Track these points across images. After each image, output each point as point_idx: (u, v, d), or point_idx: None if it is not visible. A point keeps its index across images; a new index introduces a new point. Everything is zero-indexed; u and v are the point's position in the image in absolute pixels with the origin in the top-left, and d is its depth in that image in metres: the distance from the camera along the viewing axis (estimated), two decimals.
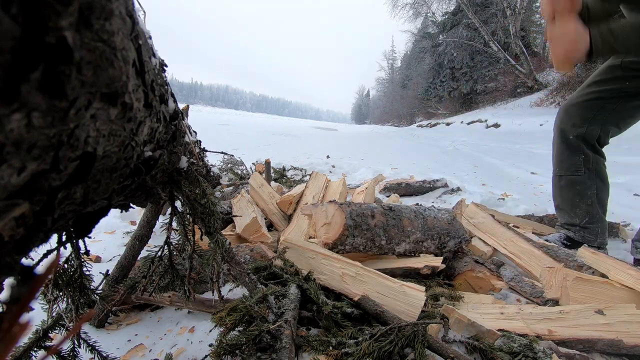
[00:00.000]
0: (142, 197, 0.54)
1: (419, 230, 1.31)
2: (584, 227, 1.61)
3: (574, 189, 1.62)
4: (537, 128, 9.74)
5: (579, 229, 1.62)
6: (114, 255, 1.44)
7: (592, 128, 1.53)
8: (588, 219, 1.60)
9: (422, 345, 0.75)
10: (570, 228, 1.66)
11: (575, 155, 1.59)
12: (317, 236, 1.28)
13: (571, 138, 1.59)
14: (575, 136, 1.57)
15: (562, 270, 1.15)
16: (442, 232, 1.35)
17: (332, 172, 3.81)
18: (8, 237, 0.20)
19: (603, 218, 1.61)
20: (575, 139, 1.58)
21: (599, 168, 1.59)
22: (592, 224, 1.59)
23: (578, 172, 1.60)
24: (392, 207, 1.35)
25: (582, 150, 1.57)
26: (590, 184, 1.58)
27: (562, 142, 1.64)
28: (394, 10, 23.52)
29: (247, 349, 0.73)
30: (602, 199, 1.60)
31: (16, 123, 0.17)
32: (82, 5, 0.18)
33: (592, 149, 1.57)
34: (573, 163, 1.60)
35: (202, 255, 0.82)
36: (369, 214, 1.26)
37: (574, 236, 1.64)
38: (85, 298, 0.65)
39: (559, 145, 1.66)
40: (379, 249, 1.26)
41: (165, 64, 0.49)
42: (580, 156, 1.58)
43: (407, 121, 34.25)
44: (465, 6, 17.61)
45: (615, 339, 0.88)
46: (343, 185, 1.96)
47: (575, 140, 1.58)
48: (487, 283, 1.19)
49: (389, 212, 1.31)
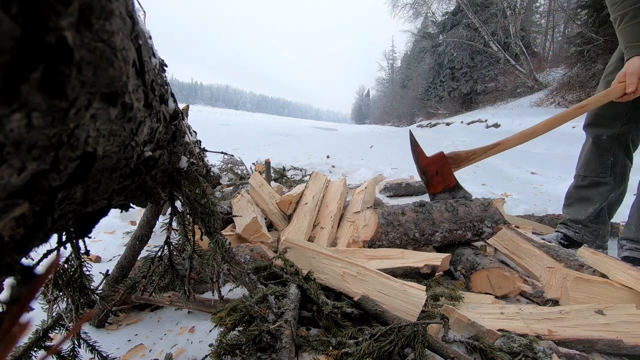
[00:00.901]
0: (142, 197, 0.54)
1: (450, 221, 1.38)
2: (586, 226, 1.59)
3: (596, 190, 1.58)
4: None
5: (581, 227, 1.60)
6: (114, 255, 1.44)
7: (626, 127, 1.47)
8: (594, 217, 1.57)
9: (422, 345, 0.75)
10: (572, 226, 1.64)
11: (604, 156, 1.54)
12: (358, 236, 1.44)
13: (604, 139, 1.53)
14: (608, 136, 1.51)
15: (562, 270, 1.15)
16: (476, 219, 1.39)
17: (332, 172, 3.81)
18: (8, 237, 0.20)
19: (607, 221, 1.59)
20: (608, 139, 1.52)
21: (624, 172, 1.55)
22: (596, 224, 1.57)
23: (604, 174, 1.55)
24: (424, 204, 1.44)
25: (612, 152, 1.52)
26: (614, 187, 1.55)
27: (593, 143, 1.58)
28: (394, 10, 23.53)
29: (247, 349, 0.73)
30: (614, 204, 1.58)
31: (16, 123, 0.17)
32: (82, 5, 0.18)
33: (624, 150, 1.52)
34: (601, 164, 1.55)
35: (202, 255, 0.82)
36: (400, 212, 1.41)
37: (573, 235, 1.62)
38: (85, 298, 0.65)
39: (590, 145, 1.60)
40: (414, 241, 1.38)
41: (165, 64, 0.49)
42: (609, 158, 1.53)
43: (407, 121, 34.24)
44: (465, 6, 17.61)
45: (616, 339, 0.88)
46: (344, 186, 1.96)
47: (608, 141, 1.52)
48: (510, 284, 1.17)
49: (419, 207, 1.42)
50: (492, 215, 1.40)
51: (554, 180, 3.87)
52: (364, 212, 1.49)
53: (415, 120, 30.65)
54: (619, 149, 1.52)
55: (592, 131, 1.58)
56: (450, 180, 1.39)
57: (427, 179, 1.39)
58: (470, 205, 1.42)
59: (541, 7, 20.02)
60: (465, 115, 18.28)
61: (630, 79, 1.22)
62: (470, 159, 1.37)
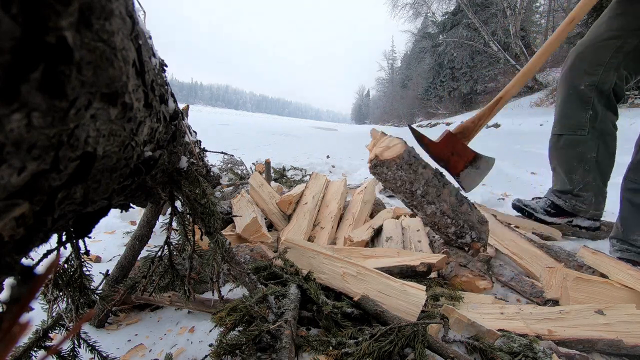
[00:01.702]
0: (142, 197, 0.54)
1: (451, 206, 1.33)
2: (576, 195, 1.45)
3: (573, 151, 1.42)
4: (537, 128, 9.74)
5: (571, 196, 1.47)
6: (114, 255, 1.44)
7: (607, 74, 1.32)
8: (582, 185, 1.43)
9: (422, 345, 0.75)
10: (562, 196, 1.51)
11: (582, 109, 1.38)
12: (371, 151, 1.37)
13: (582, 88, 1.37)
14: (587, 85, 1.35)
15: (562, 270, 1.15)
16: (468, 224, 1.36)
17: (332, 172, 3.81)
18: (8, 237, 0.20)
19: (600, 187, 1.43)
20: (586, 89, 1.36)
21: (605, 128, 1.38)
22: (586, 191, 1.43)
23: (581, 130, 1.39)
24: (443, 175, 1.37)
25: (592, 104, 1.36)
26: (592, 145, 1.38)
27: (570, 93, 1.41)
28: (394, 10, 23.53)
29: (247, 349, 0.73)
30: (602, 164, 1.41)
31: (16, 123, 0.17)
32: (82, 5, 0.18)
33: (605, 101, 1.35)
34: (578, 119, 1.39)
35: (202, 255, 0.82)
36: (423, 163, 1.33)
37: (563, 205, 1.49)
38: (85, 298, 0.65)
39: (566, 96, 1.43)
40: (410, 196, 1.32)
41: (165, 64, 0.49)
42: (587, 111, 1.37)
43: (407, 121, 34.23)
44: (465, 6, 17.61)
45: (616, 339, 0.88)
46: (344, 186, 1.96)
47: (586, 90, 1.36)
48: (473, 285, 1.18)
49: (439, 175, 1.35)
50: (481, 230, 1.38)
51: None
52: (394, 139, 1.37)
53: (415, 120, 30.65)
54: (598, 101, 1.36)
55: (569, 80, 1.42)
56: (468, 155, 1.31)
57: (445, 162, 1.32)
58: (473, 211, 1.40)
59: (541, 7, 20.02)
60: (465, 115, 18.27)
61: None
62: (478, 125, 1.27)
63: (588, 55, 1.35)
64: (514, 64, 16.34)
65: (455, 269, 1.24)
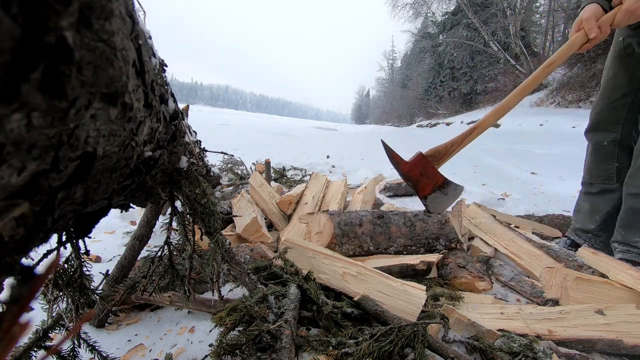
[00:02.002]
0: (142, 197, 0.54)
1: (406, 237, 1.36)
2: (596, 235, 1.55)
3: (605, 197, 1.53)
4: (537, 128, 9.74)
5: (591, 236, 1.57)
6: (114, 255, 1.44)
7: (627, 130, 1.44)
8: (604, 227, 1.53)
9: (422, 345, 0.75)
10: (582, 235, 1.60)
11: (609, 162, 1.50)
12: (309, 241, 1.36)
13: (605, 144, 1.49)
14: (609, 142, 1.48)
15: (562, 270, 1.15)
16: (431, 237, 1.38)
17: (332, 172, 3.81)
18: (8, 237, 0.20)
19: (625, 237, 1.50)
20: (609, 145, 1.48)
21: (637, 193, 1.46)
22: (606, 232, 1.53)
23: (611, 181, 1.50)
24: (382, 215, 1.41)
25: (616, 158, 1.48)
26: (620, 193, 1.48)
27: (595, 149, 1.54)
28: (394, 10, 23.52)
29: (247, 349, 0.73)
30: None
31: (16, 123, 0.17)
32: (82, 5, 0.18)
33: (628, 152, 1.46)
34: (606, 171, 1.51)
35: (202, 255, 0.82)
36: (357, 222, 1.35)
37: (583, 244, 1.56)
38: (85, 298, 0.65)
39: (592, 152, 1.56)
40: (368, 253, 1.33)
41: (165, 64, 0.49)
42: (614, 164, 1.49)
43: (407, 121, 34.24)
44: (465, 6, 17.62)
45: (615, 339, 0.88)
46: (344, 186, 1.96)
47: (609, 146, 1.48)
48: (472, 286, 1.19)
49: (377, 220, 1.38)
50: (447, 233, 1.40)
51: (554, 180, 3.87)
52: (319, 216, 1.40)
53: (416, 120, 30.66)
54: (622, 153, 1.48)
55: (594, 137, 1.55)
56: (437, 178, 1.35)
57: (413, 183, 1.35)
58: (428, 222, 1.41)
59: (541, 7, 20.02)
60: (465, 115, 18.28)
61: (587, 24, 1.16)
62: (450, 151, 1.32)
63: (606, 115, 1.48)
64: (514, 64, 16.34)
65: (454, 270, 1.24)
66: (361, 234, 1.33)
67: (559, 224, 1.93)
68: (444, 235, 1.39)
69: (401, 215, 1.43)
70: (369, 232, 1.34)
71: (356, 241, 1.32)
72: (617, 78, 1.45)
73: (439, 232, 1.39)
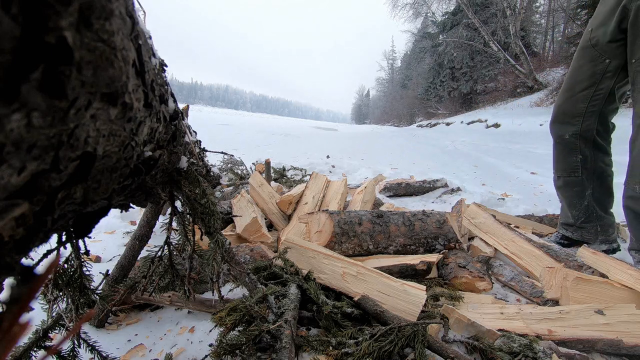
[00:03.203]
0: (142, 197, 0.54)
1: (405, 236, 1.37)
2: (580, 227, 1.58)
3: (571, 190, 1.57)
4: (537, 128, 9.73)
5: (576, 228, 1.60)
6: (114, 255, 1.44)
7: (587, 122, 1.45)
8: (584, 218, 1.56)
9: (422, 345, 0.75)
10: (568, 228, 1.64)
11: (572, 155, 1.53)
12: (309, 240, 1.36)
13: (567, 137, 1.52)
14: (571, 135, 1.50)
15: (562, 270, 1.15)
16: (430, 236, 1.39)
17: (332, 172, 3.81)
18: (8, 237, 0.20)
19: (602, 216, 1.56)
20: (571, 137, 1.50)
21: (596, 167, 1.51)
22: (588, 223, 1.56)
23: (575, 173, 1.53)
24: (382, 214, 1.41)
25: (579, 150, 1.50)
26: (588, 184, 1.53)
27: (558, 142, 1.58)
28: (394, 10, 23.51)
29: (247, 349, 0.73)
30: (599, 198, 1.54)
31: (16, 123, 0.17)
32: (82, 5, 0.18)
33: (592, 145, 1.49)
34: (570, 164, 1.55)
35: (202, 255, 0.82)
36: (357, 221, 1.36)
37: (572, 235, 1.62)
38: (85, 298, 0.65)
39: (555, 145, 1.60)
40: (367, 252, 1.33)
41: (165, 64, 0.49)
42: (577, 156, 1.51)
43: (407, 121, 34.24)
44: (465, 6, 17.61)
45: (615, 339, 0.88)
46: (344, 186, 1.96)
47: (571, 139, 1.51)
48: (472, 286, 1.18)
49: (377, 219, 1.38)
50: (446, 233, 1.40)
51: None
52: (319, 215, 1.39)
53: (415, 120, 30.65)
54: (585, 146, 1.49)
55: (556, 130, 1.57)
56: None
57: None
58: (427, 222, 1.41)
59: (541, 7, 20.02)
60: (465, 115, 18.27)
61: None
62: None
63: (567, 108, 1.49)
64: (514, 64, 16.33)
65: (455, 270, 1.24)
66: (360, 233, 1.33)
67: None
68: (442, 235, 1.39)
69: (400, 214, 1.43)
70: (368, 231, 1.34)
71: (355, 240, 1.32)
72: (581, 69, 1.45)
73: (437, 231, 1.40)
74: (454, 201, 2.56)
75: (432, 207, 2.53)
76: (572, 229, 1.62)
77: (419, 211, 1.49)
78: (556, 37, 20.24)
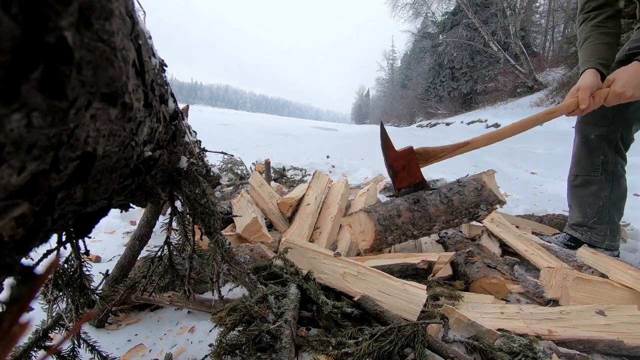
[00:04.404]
0: (142, 197, 0.54)
1: (446, 213, 1.37)
2: (591, 228, 1.58)
3: (588, 189, 1.58)
4: (537, 128, 9.72)
5: (586, 229, 1.60)
6: (114, 255, 1.44)
7: (613, 128, 1.49)
8: (597, 219, 1.56)
9: (422, 345, 0.75)
10: (577, 229, 1.64)
11: (594, 155, 1.55)
12: (358, 242, 1.40)
13: (592, 138, 1.54)
14: (596, 135, 1.52)
15: (562, 270, 1.15)
16: (471, 205, 1.38)
17: (332, 172, 3.81)
18: (8, 237, 0.20)
19: (615, 221, 1.57)
20: (596, 138, 1.53)
21: (616, 170, 1.54)
22: (600, 224, 1.56)
23: (595, 172, 1.55)
24: (417, 199, 1.40)
25: (602, 151, 1.53)
26: (606, 185, 1.54)
27: (583, 142, 1.58)
28: (394, 10, 23.51)
29: (247, 349, 0.73)
30: (615, 202, 1.56)
31: (16, 123, 0.17)
32: (82, 5, 0.18)
33: (614, 148, 1.53)
34: (591, 163, 1.56)
35: (202, 255, 0.82)
36: (395, 214, 1.37)
37: (581, 237, 1.61)
38: (85, 298, 0.65)
39: (579, 144, 1.61)
40: (413, 238, 1.38)
41: (165, 64, 0.49)
42: (599, 156, 1.54)
43: (407, 121, 34.22)
44: (465, 6, 17.60)
45: (616, 340, 0.88)
46: (345, 187, 1.96)
47: (596, 139, 1.53)
48: (502, 288, 1.15)
49: (414, 205, 1.39)
50: (486, 198, 1.39)
51: (554, 180, 3.87)
52: (358, 215, 1.41)
53: (415, 120, 30.64)
54: (608, 148, 1.53)
55: (581, 130, 1.60)
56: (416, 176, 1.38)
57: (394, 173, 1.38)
58: (465, 192, 1.40)
59: (541, 7, 20.02)
60: (465, 115, 18.27)
61: (582, 94, 1.25)
62: (439, 156, 1.36)
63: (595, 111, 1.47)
64: (514, 64, 16.33)
65: (483, 270, 1.21)
66: (402, 224, 1.34)
67: (559, 224, 1.93)
68: (483, 201, 1.38)
69: (436, 193, 1.42)
70: (409, 220, 1.35)
71: (398, 231, 1.34)
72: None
73: (477, 199, 1.39)
74: None
75: None
76: (582, 229, 1.62)
77: (454, 183, 1.47)
78: (556, 37, 20.23)
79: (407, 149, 1.37)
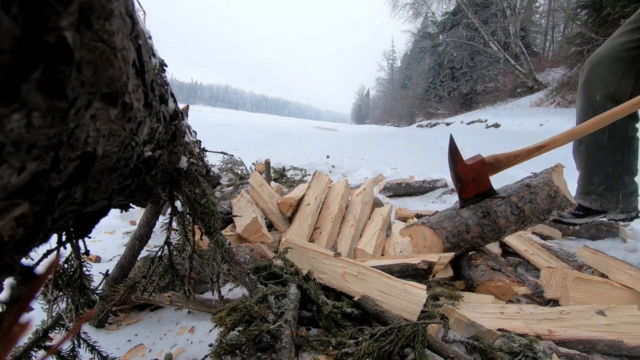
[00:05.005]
0: (142, 197, 0.54)
1: (517, 222, 1.32)
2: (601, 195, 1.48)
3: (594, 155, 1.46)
4: (537, 128, 9.73)
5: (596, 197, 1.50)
6: (114, 255, 1.44)
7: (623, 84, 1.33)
8: (605, 186, 1.46)
9: (422, 345, 0.75)
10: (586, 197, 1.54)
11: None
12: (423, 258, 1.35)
13: (598, 99, 1.39)
14: (602, 96, 1.38)
15: (562, 270, 1.15)
16: (542, 213, 1.32)
17: (332, 172, 3.80)
18: (8, 237, 0.20)
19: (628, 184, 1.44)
20: (602, 99, 1.38)
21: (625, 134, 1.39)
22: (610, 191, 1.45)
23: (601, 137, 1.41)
24: (487, 212, 1.33)
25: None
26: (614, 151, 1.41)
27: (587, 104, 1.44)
28: (394, 10, 23.53)
29: (247, 349, 0.73)
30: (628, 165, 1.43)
31: (16, 123, 0.17)
32: (82, 5, 0.18)
33: None
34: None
35: (202, 255, 0.82)
36: (464, 229, 1.33)
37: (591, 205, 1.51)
38: (85, 298, 0.65)
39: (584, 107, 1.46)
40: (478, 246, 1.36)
41: (165, 64, 0.49)
42: None
43: (407, 121, 34.23)
44: (465, 6, 17.61)
45: (616, 340, 0.88)
46: (345, 187, 1.96)
47: (602, 101, 1.38)
48: (508, 290, 1.14)
49: (484, 219, 1.33)
50: (559, 204, 1.31)
51: None
52: (422, 229, 1.34)
53: (415, 120, 30.65)
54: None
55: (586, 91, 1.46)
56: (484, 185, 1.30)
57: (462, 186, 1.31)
58: (537, 201, 1.32)
59: (541, 7, 20.03)
60: (465, 115, 18.27)
61: None
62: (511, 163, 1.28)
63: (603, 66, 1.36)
64: (514, 64, 16.33)
65: (488, 273, 1.19)
66: (471, 239, 1.31)
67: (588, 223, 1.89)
68: (555, 207, 1.32)
69: (506, 203, 1.34)
70: (478, 234, 1.31)
71: (468, 246, 1.32)
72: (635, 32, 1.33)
73: (549, 206, 1.31)
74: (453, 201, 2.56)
75: (433, 207, 2.53)
76: (591, 198, 1.52)
77: (524, 188, 1.36)
78: (556, 37, 20.24)
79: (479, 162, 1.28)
